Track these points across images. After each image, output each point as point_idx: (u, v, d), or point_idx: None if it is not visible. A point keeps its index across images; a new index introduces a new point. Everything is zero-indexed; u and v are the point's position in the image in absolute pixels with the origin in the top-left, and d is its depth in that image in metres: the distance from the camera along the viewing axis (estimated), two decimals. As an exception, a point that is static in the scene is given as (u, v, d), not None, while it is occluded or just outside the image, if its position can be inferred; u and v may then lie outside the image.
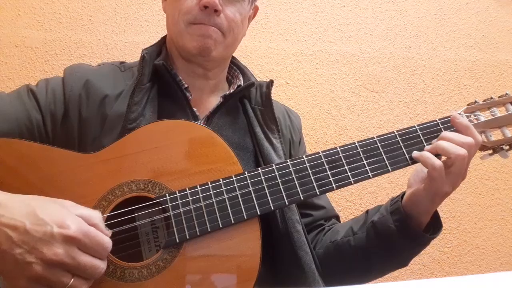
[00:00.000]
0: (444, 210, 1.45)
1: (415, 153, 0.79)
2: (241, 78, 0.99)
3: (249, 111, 0.96)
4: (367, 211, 0.91)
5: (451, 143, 0.76)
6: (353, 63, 1.52)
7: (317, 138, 1.45)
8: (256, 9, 1.02)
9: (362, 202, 1.44)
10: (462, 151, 0.75)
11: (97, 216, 0.66)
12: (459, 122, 0.79)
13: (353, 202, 1.43)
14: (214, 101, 0.95)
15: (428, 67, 1.56)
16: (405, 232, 0.80)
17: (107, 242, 0.64)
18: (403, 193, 0.84)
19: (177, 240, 0.70)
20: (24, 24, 1.32)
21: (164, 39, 1.01)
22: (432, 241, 0.83)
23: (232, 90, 0.95)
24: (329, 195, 1.08)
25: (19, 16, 1.32)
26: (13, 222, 0.59)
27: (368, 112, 1.50)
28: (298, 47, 1.50)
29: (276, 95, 1.42)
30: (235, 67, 1.04)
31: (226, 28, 0.89)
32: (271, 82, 0.97)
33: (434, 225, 0.83)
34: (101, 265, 0.63)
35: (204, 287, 0.70)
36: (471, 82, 1.57)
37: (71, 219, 0.61)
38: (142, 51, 0.92)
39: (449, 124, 0.81)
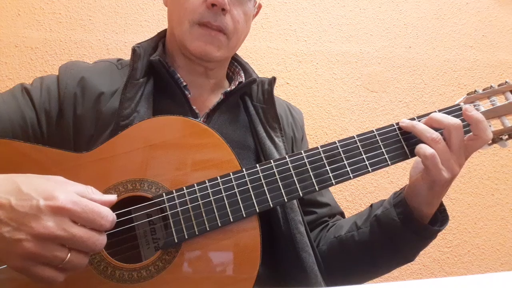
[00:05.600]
0: (444, 210, 1.45)
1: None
2: (242, 74, 0.97)
3: (250, 108, 0.94)
4: (371, 205, 0.89)
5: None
6: (353, 63, 1.52)
7: (317, 138, 1.44)
8: (259, 7, 0.99)
9: (362, 202, 1.43)
10: (457, 121, 0.73)
11: (91, 189, 0.61)
12: (470, 115, 0.75)
13: (353, 202, 1.43)
14: (214, 98, 0.92)
15: (428, 67, 1.56)
16: (409, 224, 0.78)
17: (104, 210, 0.59)
18: (406, 187, 0.82)
19: (176, 241, 0.69)
20: (24, 24, 1.32)
21: (161, 34, 0.97)
22: (433, 241, 0.81)
23: (233, 87, 0.92)
24: (328, 194, 1.07)
25: (19, 16, 1.32)
26: None
27: (368, 112, 1.49)
28: (298, 47, 1.50)
29: (276, 95, 1.41)
30: (236, 63, 1.01)
31: (231, 29, 0.86)
32: (273, 79, 0.95)
33: (441, 219, 0.81)
34: (100, 236, 0.58)
35: (204, 286, 0.69)
36: (471, 82, 1.57)
37: (59, 190, 0.57)
38: (134, 45, 0.88)
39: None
